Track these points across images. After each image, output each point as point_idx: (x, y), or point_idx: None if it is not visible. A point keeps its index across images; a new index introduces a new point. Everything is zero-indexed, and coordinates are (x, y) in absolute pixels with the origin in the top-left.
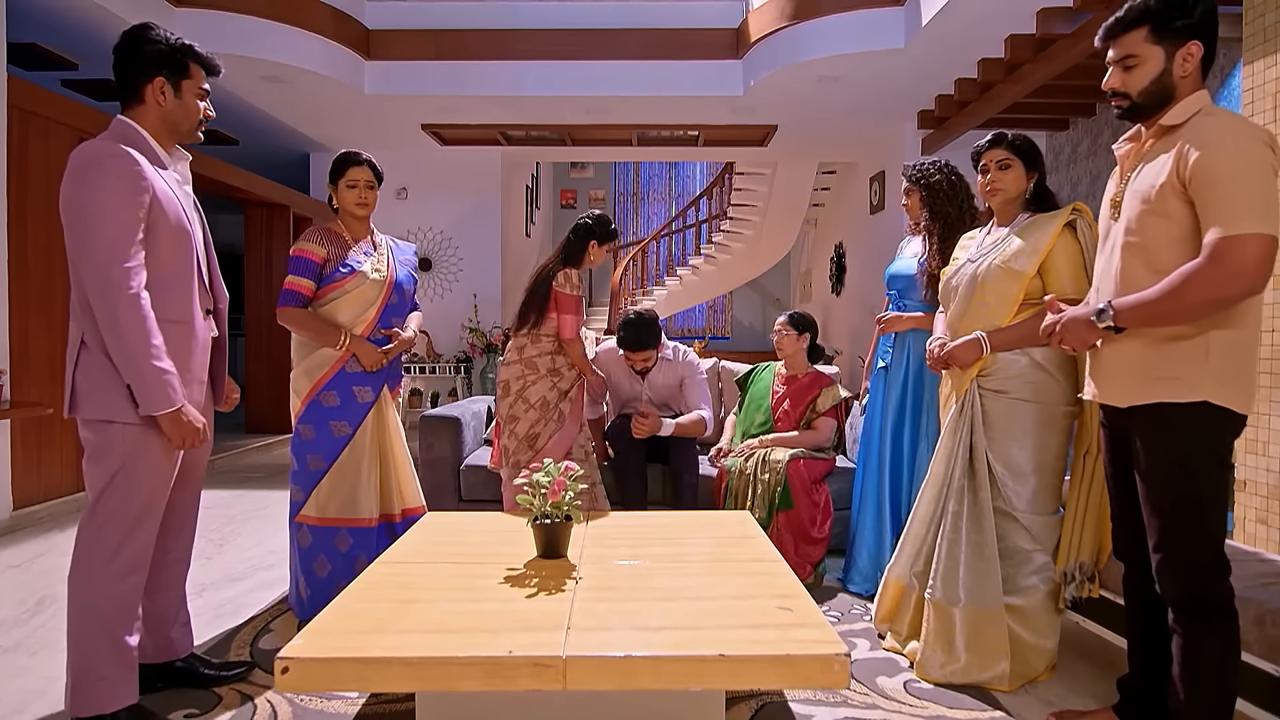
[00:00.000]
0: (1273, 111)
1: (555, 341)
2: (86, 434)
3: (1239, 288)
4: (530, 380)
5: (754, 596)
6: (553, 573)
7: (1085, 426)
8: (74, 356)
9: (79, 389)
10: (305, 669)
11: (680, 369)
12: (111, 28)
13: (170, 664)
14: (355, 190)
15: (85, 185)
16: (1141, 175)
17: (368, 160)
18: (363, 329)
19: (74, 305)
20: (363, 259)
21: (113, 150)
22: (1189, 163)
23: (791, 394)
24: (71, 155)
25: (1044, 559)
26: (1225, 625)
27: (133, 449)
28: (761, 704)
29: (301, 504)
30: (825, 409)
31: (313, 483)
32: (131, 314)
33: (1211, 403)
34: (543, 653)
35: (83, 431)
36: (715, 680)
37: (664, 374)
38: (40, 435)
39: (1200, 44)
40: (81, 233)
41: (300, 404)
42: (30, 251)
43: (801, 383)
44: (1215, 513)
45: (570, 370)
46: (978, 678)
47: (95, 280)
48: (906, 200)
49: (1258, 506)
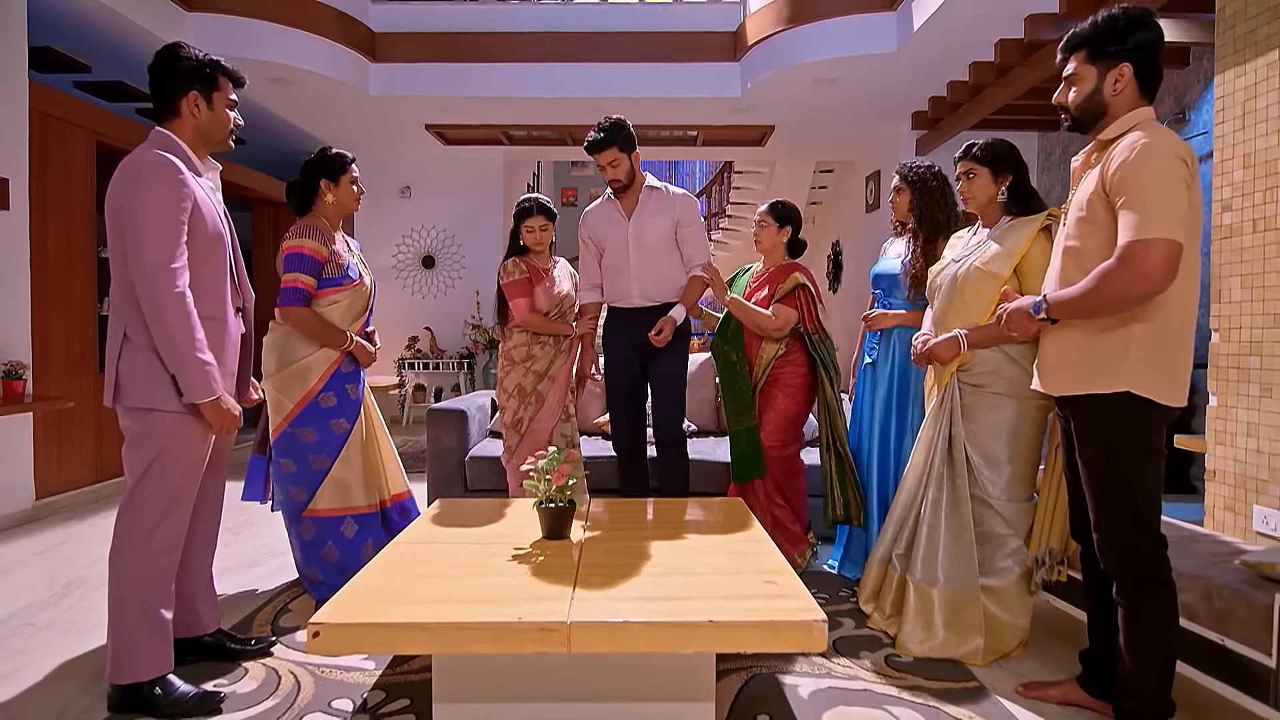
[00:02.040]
0: (1241, 119)
1: (525, 332)
2: (127, 422)
3: (1146, 287)
4: (506, 370)
5: (742, 572)
6: (557, 551)
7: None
8: (116, 349)
9: (122, 379)
10: (334, 633)
11: (673, 207)
12: (124, 31)
13: (199, 639)
14: (357, 185)
15: (134, 192)
16: (1082, 186)
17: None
18: (355, 330)
19: (115, 302)
20: (356, 264)
21: (159, 160)
22: (1111, 174)
23: (762, 288)
24: (120, 165)
25: (1017, 543)
26: (1162, 595)
27: (171, 436)
28: (751, 675)
29: (305, 502)
30: (782, 295)
31: (317, 480)
32: (177, 311)
33: (1134, 393)
34: (549, 619)
35: (123, 420)
36: (705, 644)
37: (652, 210)
38: (60, 428)
39: (1131, 66)
40: (131, 236)
41: (293, 409)
42: (50, 250)
43: (773, 275)
44: (1146, 495)
45: (545, 351)
46: (954, 653)
47: (144, 280)
48: (895, 198)
49: (1225, 495)
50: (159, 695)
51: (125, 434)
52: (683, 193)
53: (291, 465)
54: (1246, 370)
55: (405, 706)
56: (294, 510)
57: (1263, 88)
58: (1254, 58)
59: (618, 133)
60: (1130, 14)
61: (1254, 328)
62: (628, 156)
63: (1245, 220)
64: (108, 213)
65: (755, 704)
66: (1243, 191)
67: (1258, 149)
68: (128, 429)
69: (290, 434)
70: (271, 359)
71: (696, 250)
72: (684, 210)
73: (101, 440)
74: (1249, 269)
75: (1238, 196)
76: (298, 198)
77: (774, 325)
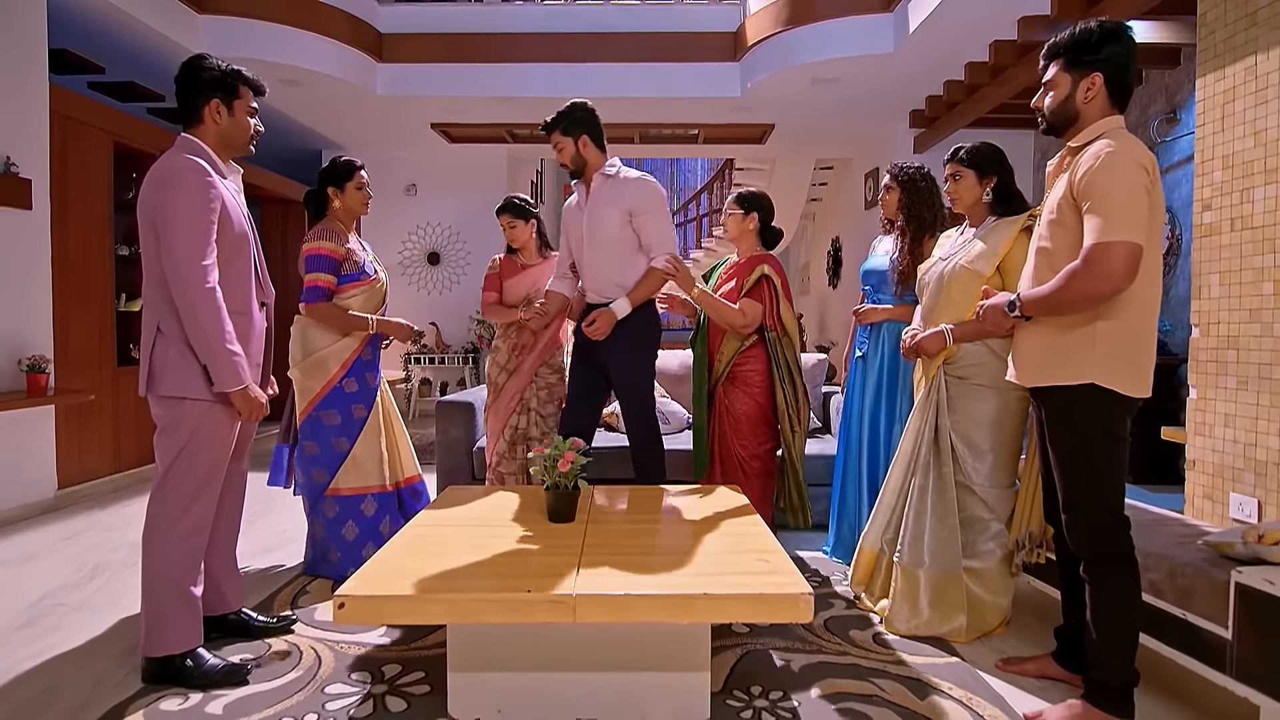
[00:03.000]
0: (1220, 122)
1: (501, 325)
2: (160, 410)
3: (1108, 287)
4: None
5: (737, 552)
6: (563, 533)
7: None
8: (150, 342)
9: (155, 370)
10: (358, 605)
11: (624, 194)
12: (137, 33)
13: (224, 617)
14: (363, 190)
15: (166, 194)
16: (1054, 189)
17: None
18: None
19: (148, 298)
20: (370, 262)
21: (189, 164)
22: (1077, 179)
23: (731, 279)
24: (152, 169)
25: (999, 527)
26: (1125, 572)
27: (201, 423)
28: (745, 651)
29: (327, 483)
30: (749, 289)
31: (338, 461)
32: (208, 305)
33: (1099, 384)
34: (557, 591)
35: (156, 409)
36: (700, 615)
37: (605, 199)
38: (81, 421)
39: (1102, 76)
40: (165, 236)
41: (320, 392)
42: (71, 249)
43: (741, 266)
44: (1110, 479)
45: (506, 343)
46: (938, 630)
47: (177, 277)
48: (885, 196)
49: (1204, 484)
50: (190, 667)
51: (158, 422)
52: (639, 177)
53: (315, 447)
54: (1224, 364)
55: (421, 678)
56: (316, 491)
57: (1240, 91)
58: (1232, 62)
59: (564, 117)
60: (1106, 27)
61: (1231, 323)
62: (573, 141)
63: (1224, 219)
64: (141, 214)
65: (748, 676)
66: (1222, 191)
67: (1235, 151)
68: (160, 417)
69: (315, 417)
70: (297, 348)
71: (656, 240)
72: (637, 197)
73: (119, 432)
74: (1227, 266)
75: (1217, 196)
76: (314, 204)
77: (742, 321)
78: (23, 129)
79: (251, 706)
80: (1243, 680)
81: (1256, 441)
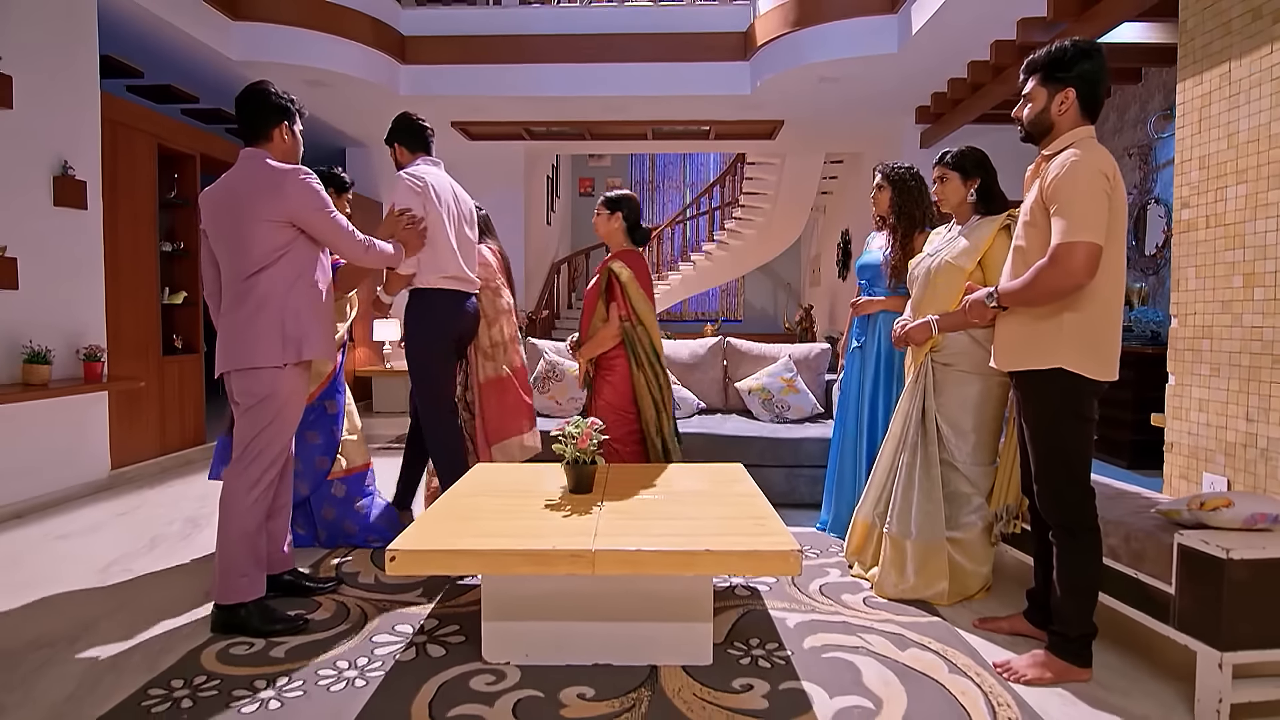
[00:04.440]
0: (1197, 124)
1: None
2: (244, 385)
3: (1071, 282)
4: None
5: (736, 517)
6: (582, 502)
7: None
8: (237, 324)
9: (241, 347)
10: (408, 558)
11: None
12: (174, 39)
13: (279, 576)
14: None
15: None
16: (1030, 193)
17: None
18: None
19: (233, 285)
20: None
21: (294, 167)
22: (1046, 185)
23: (593, 276)
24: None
25: (980, 501)
26: (1089, 538)
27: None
28: (746, 611)
29: (329, 469)
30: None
31: (336, 448)
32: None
33: (1066, 369)
34: (578, 547)
35: (240, 384)
36: (703, 568)
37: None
38: (132, 407)
39: (1074, 91)
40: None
41: (324, 381)
42: (120, 245)
43: (600, 265)
44: (1077, 454)
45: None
46: (923, 594)
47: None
48: (876, 194)
49: (1180, 465)
50: (254, 616)
51: (241, 400)
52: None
53: (318, 436)
54: (1200, 352)
55: (455, 630)
56: (321, 478)
57: (1216, 96)
58: (1209, 69)
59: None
60: (1079, 46)
61: (1205, 314)
62: (392, 148)
63: (1200, 216)
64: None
65: (748, 630)
66: (1199, 190)
67: (1211, 152)
68: (244, 393)
69: (320, 406)
70: None
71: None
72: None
73: (165, 417)
74: (1203, 260)
75: (1194, 195)
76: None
77: (611, 334)
78: (78, 134)
79: (310, 651)
80: (1183, 630)
81: (1227, 425)
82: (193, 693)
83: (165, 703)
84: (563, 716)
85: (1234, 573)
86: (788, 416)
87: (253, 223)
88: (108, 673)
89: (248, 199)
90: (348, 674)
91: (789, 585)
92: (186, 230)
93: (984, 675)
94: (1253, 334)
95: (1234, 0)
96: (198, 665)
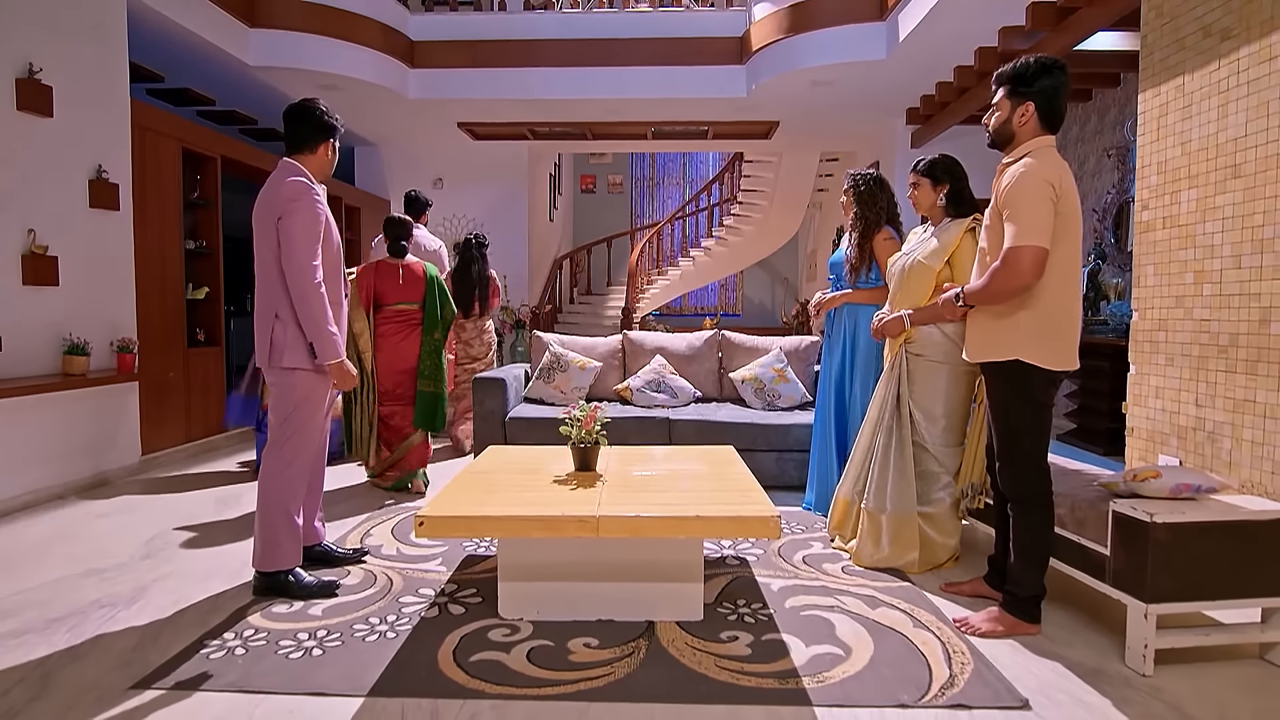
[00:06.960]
0: (1156, 132)
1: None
2: (276, 379)
3: (1019, 283)
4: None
5: (724, 490)
6: (587, 478)
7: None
8: (268, 326)
9: (275, 348)
10: (434, 523)
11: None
12: (194, 46)
13: (311, 548)
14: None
15: (291, 209)
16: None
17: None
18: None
19: (265, 290)
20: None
21: (307, 187)
22: (1000, 192)
23: None
24: (272, 186)
25: (948, 479)
26: (1042, 511)
27: (310, 389)
28: (734, 578)
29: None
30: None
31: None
32: (317, 296)
33: (1022, 360)
34: (584, 513)
35: (273, 378)
36: (694, 531)
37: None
38: (161, 397)
39: (1034, 105)
40: (287, 242)
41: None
42: (148, 244)
43: None
44: (1032, 436)
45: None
46: (896, 563)
47: (295, 274)
48: (844, 200)
49: (1140, 448)
50: (292, 581)
51: (274, 390)
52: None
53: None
54: (1156, 343)
55: (473, 593)
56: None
57: (1172, 106)
58: (1166, 80)
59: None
60: (1041, 62)
61: (1161, 308)
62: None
63: (1158, 218)
64: (260, 222)
65: (736, 593)
66: (1157, 194)
67: (1167, 158)
68: (277, 385)
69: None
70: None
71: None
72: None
73: (190, 406)
74: (1160, 259)
75: (1153, 198)
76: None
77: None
78: (110, 140)
79: (344, 610)
80: (1116, 586)
81: (1179, 410)
82: (244, 643)
83: (221, 651)
84: (571, 661)
85: (1158, 534)
86: (778, 404)
87: (267, 227)
88: (165, 628)
89: (263, 205)
90: (379, 628)
91: (775, 555)
92: (208, 229)
93: (944, 629)
94: (1201, 326)
95: (1188, 18)
96: (245, 621)
